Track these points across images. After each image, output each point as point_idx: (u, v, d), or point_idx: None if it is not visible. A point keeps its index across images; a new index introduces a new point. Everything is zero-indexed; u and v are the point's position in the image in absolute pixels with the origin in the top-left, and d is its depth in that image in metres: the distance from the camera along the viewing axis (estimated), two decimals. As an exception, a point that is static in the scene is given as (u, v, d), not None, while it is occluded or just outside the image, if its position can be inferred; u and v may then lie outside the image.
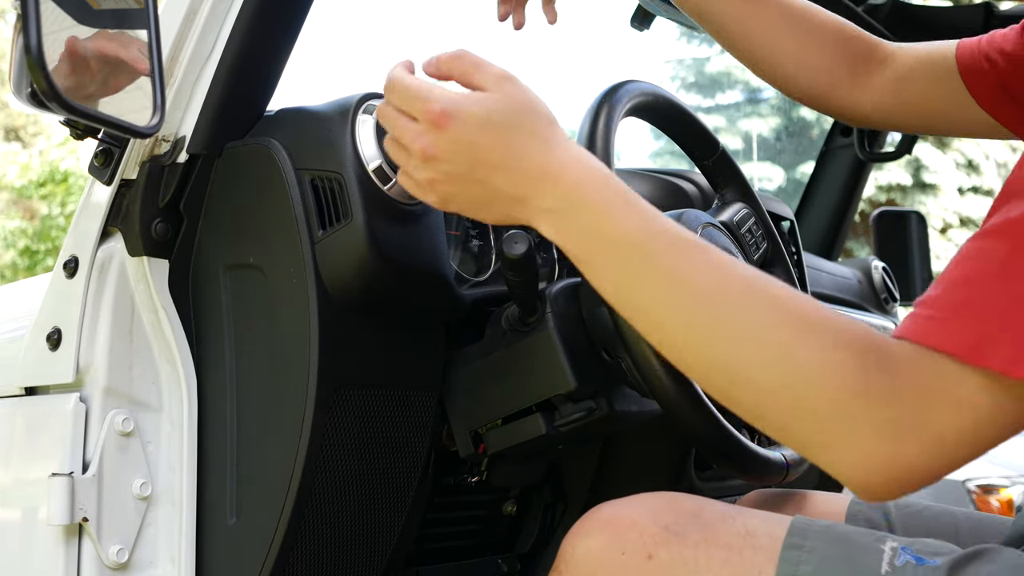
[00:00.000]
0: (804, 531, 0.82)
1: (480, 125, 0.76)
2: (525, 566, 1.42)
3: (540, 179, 0.75)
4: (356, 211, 0.96)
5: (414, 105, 0.77)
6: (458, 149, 0.76)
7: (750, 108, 13.59)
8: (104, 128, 0.97)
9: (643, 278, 0.72)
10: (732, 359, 0.69)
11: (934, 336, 0.65)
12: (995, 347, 0.63)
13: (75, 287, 1.03)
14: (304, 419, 0.99)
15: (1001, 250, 0.65)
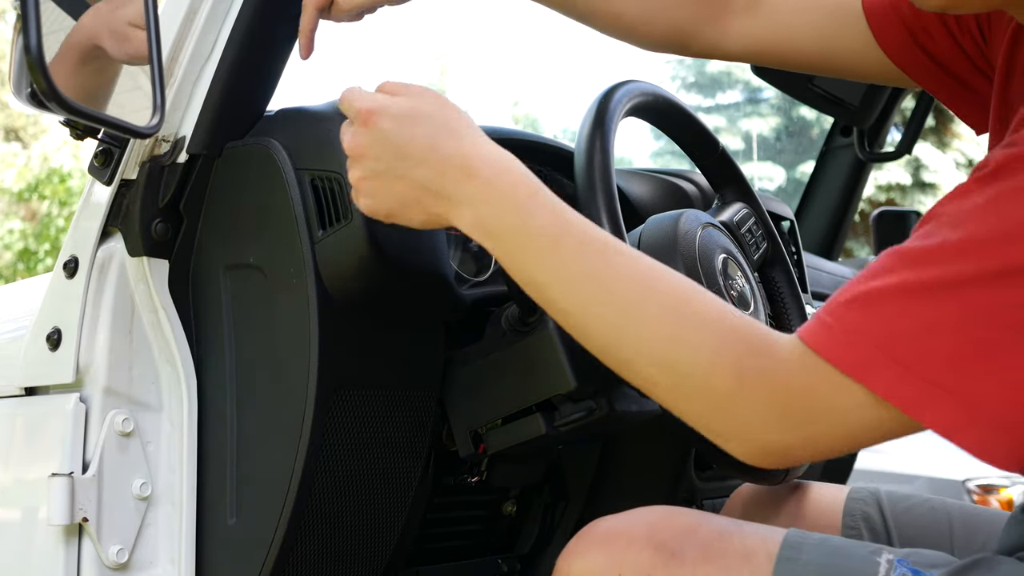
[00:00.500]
0: (798, 544, 0.82)
1: (400, 120, 0.81)
2: (525, 566, 1.41)
3: (457, 173, 0.79)
4: (356, 211, 0.96)
5: (348, 109, 0.84)
6: (381, 144, 0.81)
7: (750, 108, 13.59)
8: (104, 128, 0.97)
9: (553, 268, 0.78)
10: (628, 343, 0.76)
11: (827, 348, 0.69)
12: (879, 371, 0.67)
13: (75, 287, 1.03)
14: (304, 419, 0.99)
15: (907, 277, 0.68)
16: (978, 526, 1.06)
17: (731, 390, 0.72)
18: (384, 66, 20.56)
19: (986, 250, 0.65)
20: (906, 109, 2.35)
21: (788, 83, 1.97)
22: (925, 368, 0.66)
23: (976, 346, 0.66)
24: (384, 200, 0.83)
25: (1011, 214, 0.65)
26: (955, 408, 0.66)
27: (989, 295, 0.65)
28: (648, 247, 1.10)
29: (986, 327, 0.65)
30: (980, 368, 0.66)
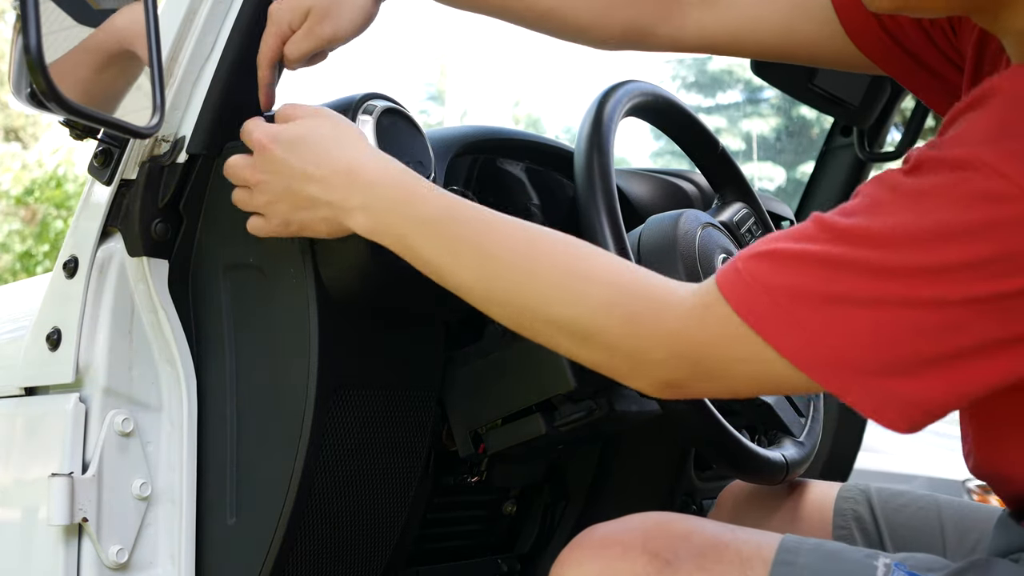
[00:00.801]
0: (795, 549, 0.82)
1: (290, 146, 0.89)
2: (525, 566, 1.41)
3: (344, 181, 0.87)
4: None
5: (247, 141, 0.92)
6: (277, 168, 0.89)
7: (750, 108, 13.58)
8: (104, 128, 0.97)
9: (445, 252, 0.84)
10: (527, 308, 0.81)
11: (738, 299, 0.73)
12: (778, 325, 0.71)
13: (75, 287, 1.03)
14: (304, 419, 0.99)
15: (824, 248, 0.70)
16: (969, 525, 1.06)
17: (624, 336, 0.77)
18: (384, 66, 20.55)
19: (893, 244, 0.68)
20: (906, 109, 2.35)
21: (788, 83, 1.97)
22: (822, 333, 0.70)
23: (874, 326, 0.69)
24: (293, 220, 0.91)
25: (919, 216, 0.68)
26: (842, 372, 0.70)
27: (888, 286, 0.68)
28: (648, 247, 1.10)
29: (886, 311, 0.69)
30: (871, 342, 0.69)
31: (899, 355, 0.69)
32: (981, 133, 0.69)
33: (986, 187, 0.66)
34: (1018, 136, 0.67)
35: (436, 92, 18.22)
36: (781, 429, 1.15)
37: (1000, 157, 0.66)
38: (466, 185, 1.25)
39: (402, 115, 1.03)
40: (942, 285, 0.67)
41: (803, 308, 0.71)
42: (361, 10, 0.98)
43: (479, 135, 1.23)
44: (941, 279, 0.67)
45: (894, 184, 0.71)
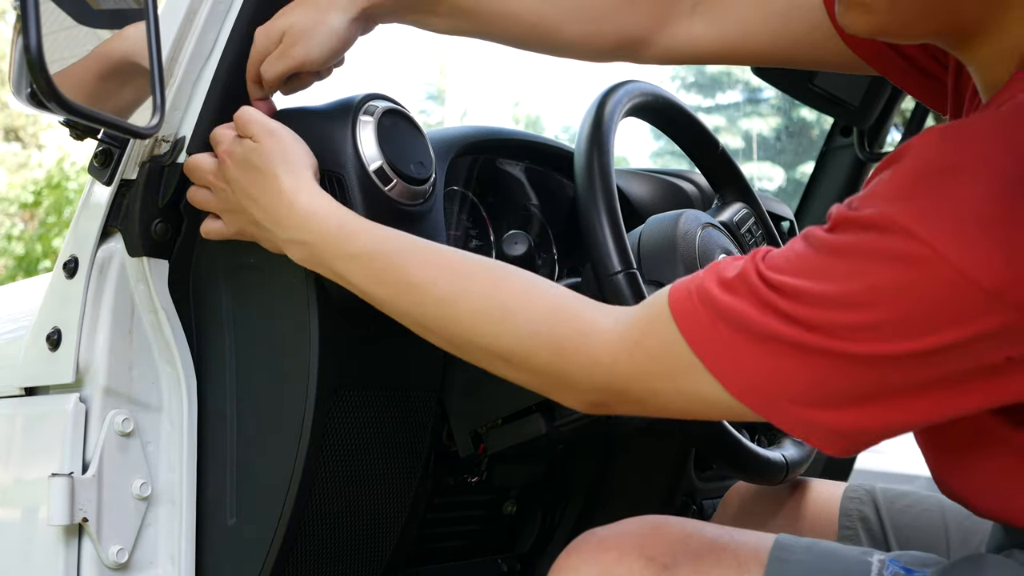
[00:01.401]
0: (789, 547, 0.82)
1: (242, 167, 0.94)
2: (525, 566, 1.41)
3: (281, 211, 0.91)
4: (357, 211, 0.96)
5: (214, 142, 0.98)
6: (230, 183, 0.95)
7: (750, 108, 13.57)
8: (104, 128, 0.97)
9: (379, 282, 0.88)
10: (460, 335, 0.85)
11: (690, 328, 0.74)
12: (717, 349, 0.73)
13: (75, 287, 1.03)
14: (304, 419, 0.99)
15: (756, 287, 0.72)
16: (973, 526, 1.06)
17: (550, 364, 0.80)
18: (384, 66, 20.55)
19: (812, 302, 0.70)
20: (906, 109, 2.35)
21: (788, 83, 1.97)
22: (755, 364, 0.72)
23: (801, 367, 0.70)
24: (243, 229, 0.97)
25: (835, 276, 0.69)
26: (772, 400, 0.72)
27: (810, 338, 0.69)
28: (648, 247, 1.10)
29: (811, 358, 0.70)
30: (798, 379, 0.71)
31: (825, 393, 0.71)
32: (892, 192, 0.69)
33: (897, 247, 0.67)
34: (926, 195, 0.68)
35: (436, 92, 18.22)
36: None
37: (910, 216, 0.67)
38: (466, 185, 1.25)
39: (403, 115, 1.03)
40: (860, 343, 0.68)
41: (741, 338, 0.72)
42: (333, 34, 0.98)
43: (479, 135, 1.23)
44: (858, 337, 0.68)
45: (817, 243, 0.72)
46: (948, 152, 0.69)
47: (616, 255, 0.97)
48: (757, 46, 1.05)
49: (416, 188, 1.00)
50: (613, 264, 0.97)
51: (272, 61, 1.00)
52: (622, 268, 0.96)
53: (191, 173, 0.99)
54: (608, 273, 0.97)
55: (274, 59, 0.99)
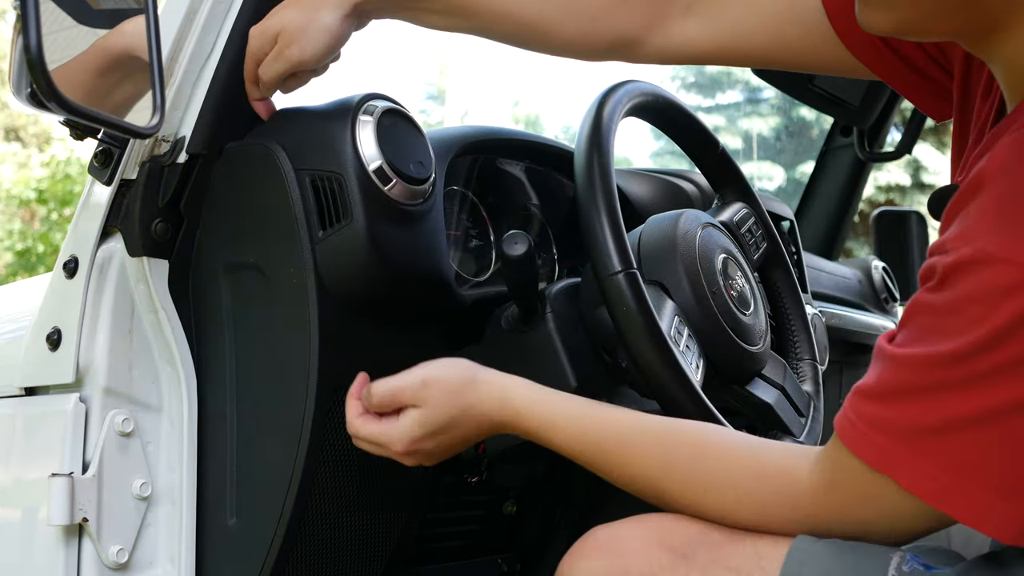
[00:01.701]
0: (808, 545, 0.82)
1: (428, 435, 0.94)
2: (525, 566, 1.41)
3: (495, 429, 0.94)
4: (356, 211, 0.96)
5: (385, 452, 0.96)
6: (435, 450, 0.95)
7: (750, 108, 13.57)
8: (104, 128, 0.97)
9: (586, 463, 0.92)
10: (671, 498, 0.87)
11: (858, 446, 0.75)
12: (902, 463, 0.73)
13: (75, 287, 1.03)
14: (304, 419, 0.99)
15: (908, 378, 0.72)
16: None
17: (759, 521, 0.82)
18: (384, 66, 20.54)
19: (965, 358, 0.69)
20: (906, 109, 2.35)
21: (788, 83, 1.97)
22: (946, 460, 0.71)
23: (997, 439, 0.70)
24: (440, 457, 0.98)
25: (965, 328, 0.69)
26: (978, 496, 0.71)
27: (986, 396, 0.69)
28: (648, 247, 1.10)
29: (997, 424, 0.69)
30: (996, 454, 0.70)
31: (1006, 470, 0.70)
32: (985, 225, 0.69)
33: (1004, 281, 0.67)
34: (1017, 222, 0.68)
35: (436, 92, 18.22)
36: (781, 429, 1.15)
37: (1006, 246, 0.67)
38: (466, 185, 1.25)
39: (403, 115, 1.03)
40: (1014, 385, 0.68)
41: (922, 442, 0.72)
42: (327, 32, 0.99)
43: (479, 135, 1.23)
44: (1007, 379, 0.68)
45: (932, 307, 0.72)
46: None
47: (616, 255, 0.97)
48: (751, 47, 1.05)
49: (416, 188, 1.00)
50: (613, 264, 0.97)
51: (269, 63, 1.00)
52: (622, 268, 0.96)
53: (357, 444, 0.99)
54: (608, 273, 0.97)
55: (271, 60, 1.00)
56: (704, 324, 1.07)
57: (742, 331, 1.10)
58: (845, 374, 2.15)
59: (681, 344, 1.03)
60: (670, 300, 1.06)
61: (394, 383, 0.95)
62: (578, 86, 21.68)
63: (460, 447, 0.97)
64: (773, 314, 1.29)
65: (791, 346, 1.29)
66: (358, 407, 0.97)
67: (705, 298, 1.07)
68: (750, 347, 1.11)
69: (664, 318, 1.03)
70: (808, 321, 1.31)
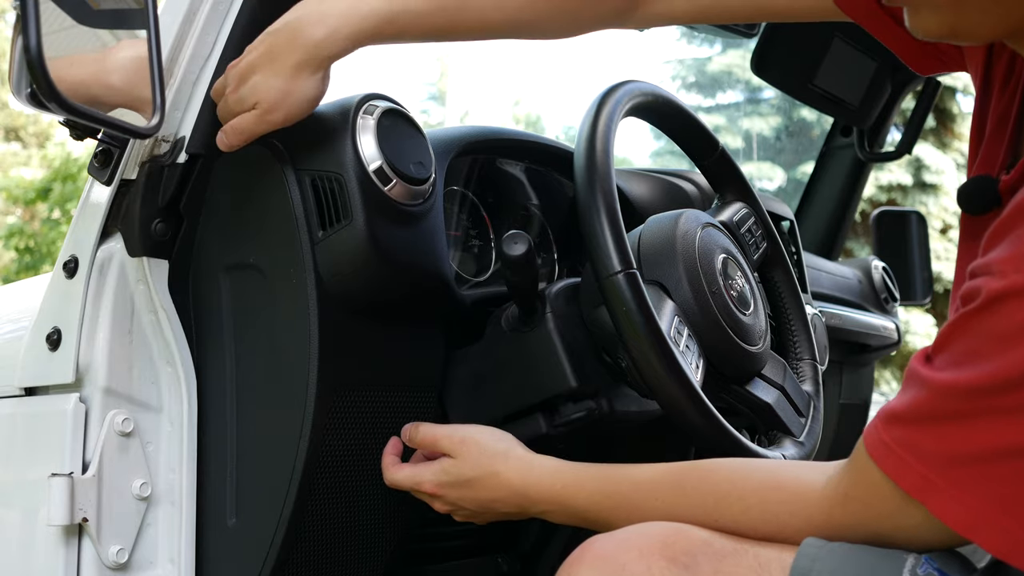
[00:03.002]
0: (814, 553, 0.82)
1: (458, 486, 0.99)
2: (525, 566, 1.41)
3: (518, 502, 0.98)
4: (356, 211, 0.96)
5: (417, 490, 1.03)
6: (456, 503, 1.01)
7: (750, 108, 13.56)
8: (104, 128, 0.96)
9: (609, 519, 0.93)
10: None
11: (892, 469, 0.74)
12: (938, 492, 0.72)
13: (75, 287, 1.03)
14: (304, 419, 0.99)
15: (949, 406, 0.71)
16: None
17: (770, 532, 0.83)
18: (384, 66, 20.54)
19: (1014, 386, 0.68)
20: (906, 109, 2.35)
21: (788, 83, 1.97)
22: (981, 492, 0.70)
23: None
24: (480, 516, 1.03)
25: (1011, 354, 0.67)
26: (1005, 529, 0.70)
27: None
28: (648, 247, 1.09)
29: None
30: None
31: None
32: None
33: None
34: None
35: (436, 92, 18.22)
36: (781, 429, 1.15)
37: None
38: (466, 185, 1.25)
39: (402, 115, 1.03)
40: None
41: (958, 471, 0.71)
42: (307, 98, 0.97)
43: (479, 135, 1.23)
44: None
45: (974, 331, 0.70)
46: None
47: (616, 255, 0.97)
48: (735, 4, 1.06)
49: (416, 188, 1.00)
50: (613, 264, 0.96)
51: (251, 124, 0.98)
52: (622, 268, 0.96)
53: (412, 488, 1.03)
54: (608, 273, 0.97)
55: (252, 123, 0.98)
56: (704, 324, 1.06)
57: (742, 331, 1.10)
58: (845, 374, 2.15)
59: (681, 344, 1.03)
60: (670, 300, 1.06)
61: (438, 431, 1.02)
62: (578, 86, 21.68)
63: (491, 511, 1.00)
64: (773, 314, 1.29)
65: (791, 346, 1.29)
66: (393, 458, 1.05)
67: (705, 298, 1.07)
68: (750, 347, 1.11)
69: (664, 318, 1.03)
70: (808, 321, 1.31)
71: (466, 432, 1.00)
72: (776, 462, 0.88)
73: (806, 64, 1.89)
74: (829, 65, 1.90)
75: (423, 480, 1.01)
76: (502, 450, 0.99)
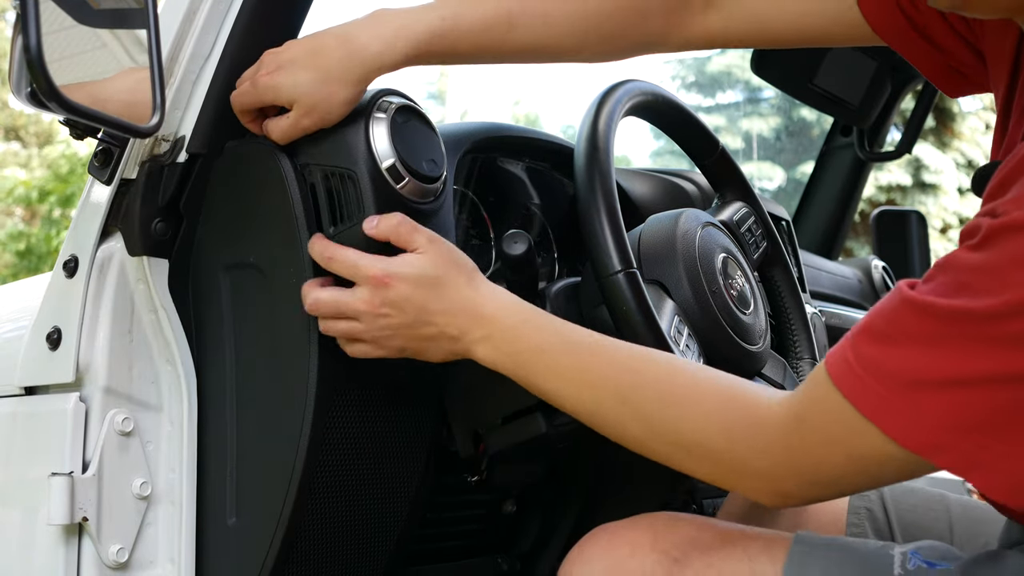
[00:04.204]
0: (806, 548, 0.82)
1: (416, 283, 0.91)
2: (525, 565, 1.41)
3: (469, 318, 0.91)
4: (368, 209, 0.95)
5: (360, 272, 0.92)
6: (402, 306, 0.91)
7: (750, 108, 13.57)
8: (104, 128, 0.96)
9: (555, 378, 0.89)
10: (635, 430, 0.85)
11: (859, 396, 0.72)
12: (894, 414, 0.70)
13: (75, 287, 1.03)
14: (304, 419, 0.99)
15: (925, 327, 0.70)
16: (979, 527, 1.06)
17: (725, 451, 0.80)
18: (384, 66, 20.49)
19: (996, 319, 0.67)
20: (906, 109, 2.35)
21: (788, 83, 1.97)
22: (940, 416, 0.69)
23: (991, 404, 0.68)
24: (404, 347, 0.95)
25: (1010, 288, 0.67)
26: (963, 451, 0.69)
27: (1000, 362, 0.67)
28: (648, 246, 1.10)
29: (1002, 390, 0.68)
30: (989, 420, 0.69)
31: (1004, 423, 0.68)
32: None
33: None
34: None
35: (436, 92, 18.22)
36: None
37: None
38: (466, 185, 1.25)
39: (416, 112, 1.01)
40: None
41: (914, 393, 0.70)
42: (345, 104, 0.96)
43: (488, 131, 1.22)
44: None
45: (969, 264, 0.70)
46: None
47: (616, 255, 0.97)
48: (773, 31, 1.05)
49: (428, 186, 0.99)
50: (613, 264, 0.96)
51: (285, 128, 0.97)
52: (622, 268, 0.96)
53: (318, 309, 0.94)
54: (608, 273, 0.97)
55: (287, 126, 0.97)
56: (704, 323, 1.07)
57: (742, 330, 1.10)
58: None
59: (681, 343, 1.03)
60: (670, 299, 1.06)
61: (414, 223, 0.93)
62: (578, 86, 21.66)
63: (418, 330, 0.92)
64: (773, 313, 1.29)
65: (791, 345, 1.29)
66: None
67: (705, 297, 1.07)
68: (750, 346, 1.11)
69: (664, 317, 1.03)
70: (808, 320, 1.31)
71: (434, 234, 0.94)
72: (735, 378, 0.84)
73: (806, 64, 1.90)
74: (829, 65, 1.90)
75: (371, 264, 0.91)
76: (471, 266, 0.94)
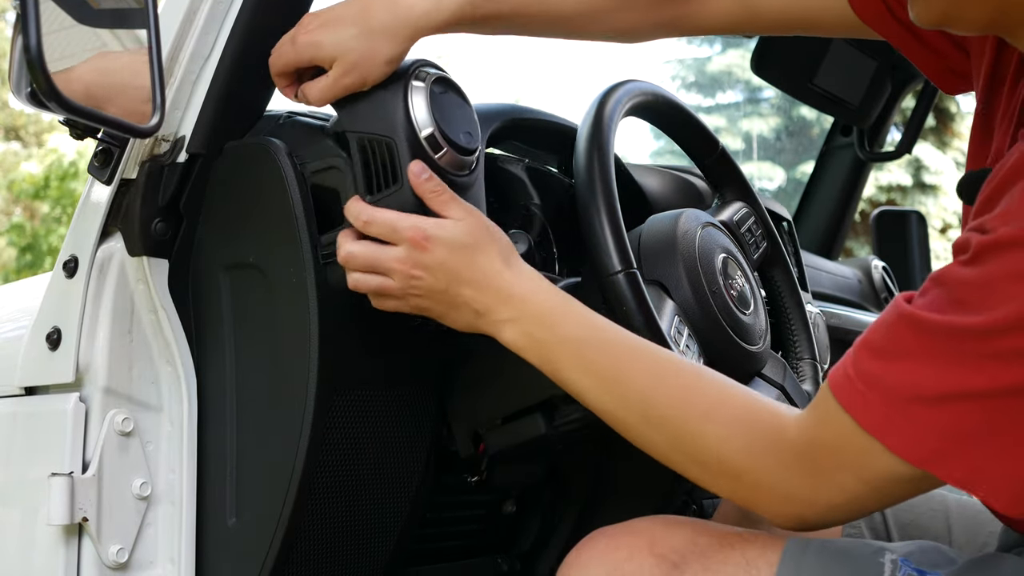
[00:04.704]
0: (800, 552, 0.82)
1: (453, 248, 0.90)
2: (525, 566, 1.41)
3: (497, 296, 0.90)
4: (405, 177, 0.93)
5: (398, 233, 0.90)
6: (437, 270, 0.90)
7: (750, 108, 13.57)
8: (104, 128, 0.97)
9: (580, 372, 0.88)
10: (652, 438, 0.85)
11: (851, 404, 0.74)
12: (896, 428, 0.72)
13: (75, 287, 1.03)
14: (304, 419, 0.99)
15: (921, 343, 0.71)
16: (977, 527, 1.06)
17: (746, 470, 0.80)
18: (384, 66, 20.50)
19: (988, 335, 0.68)
20: (906, 109, 2.35)
21: (788, 83, 1.97)
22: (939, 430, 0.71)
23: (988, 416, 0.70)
24: (430, 309, 0.92)
25: (998, 304, 0.68)
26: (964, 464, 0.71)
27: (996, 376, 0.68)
28: (648, 246, 1.10)
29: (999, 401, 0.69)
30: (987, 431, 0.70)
31: (1006, 439, 0.70)
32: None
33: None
34: None
35: (436, 91, 18.21)
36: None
37: None
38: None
39: (452, 84, 1.00)
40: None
41: (913, 407, 0.71)
42: (388, 65, 0.94)
43: (515, 113, 1.20)
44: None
45: (961, 279, 0.71)
46: None
47: (616, 255, 0.97)
48: (772, 16, 1.06)
49: (465, 158, 0.97)
50: (613, 264, 0.96)
51: (324, 88, 0.95)
52: (622, 268, 0.96)
53: (350, 262, 0.93)
54: (608, 273, 0.97)
55: (327, 85, 0.95)
56: (704, 323, 1.06)
57: (742, 330, 1.10)
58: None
59: (681, 343, 1.03)
60: (670, 299, 1.06)
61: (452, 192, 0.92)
62: (578, 85, 21.69)
63: (448, 299, 0.91)
64: (773, 313, 1.29)
65: (791, 346, 1.29)
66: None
67: (705, 297, 1.07)
68: (750, 346, 1.11)
69: (664, 317, 1.03)
70: (808, 320, 1.31)
71: (476, 210, 0.93)
72: (757, 392, 0.85)
73: (806, 64, 1.90)
74: (829, 65, 1.91)
75: (410, 224, 0.90)
76: (508, 244, 0.93)
